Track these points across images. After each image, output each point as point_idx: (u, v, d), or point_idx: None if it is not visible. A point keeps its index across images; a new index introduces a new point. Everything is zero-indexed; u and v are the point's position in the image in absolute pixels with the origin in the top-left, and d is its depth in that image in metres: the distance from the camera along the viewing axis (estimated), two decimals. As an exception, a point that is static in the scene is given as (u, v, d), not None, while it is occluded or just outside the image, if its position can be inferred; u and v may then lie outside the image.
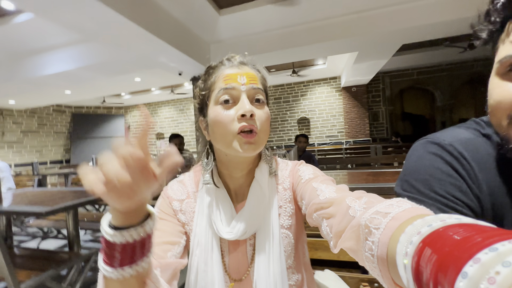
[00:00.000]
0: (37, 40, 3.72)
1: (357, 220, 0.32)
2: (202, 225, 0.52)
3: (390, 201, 0.31)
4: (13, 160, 6.41)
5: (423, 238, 0.21)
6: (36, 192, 2.34)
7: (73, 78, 4.40)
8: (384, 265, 0.26)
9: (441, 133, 0.47)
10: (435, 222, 0.22)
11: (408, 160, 0.48)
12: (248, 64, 0.52)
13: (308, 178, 0.51)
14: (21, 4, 2.20)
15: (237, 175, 0.54)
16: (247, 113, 0.45)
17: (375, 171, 2.22)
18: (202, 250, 0.51)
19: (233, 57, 0.52)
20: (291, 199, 0.54)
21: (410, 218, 0.25)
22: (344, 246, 0.35)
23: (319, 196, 0.43)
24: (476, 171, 0.41)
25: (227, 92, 0.47)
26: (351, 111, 6.98)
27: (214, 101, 0.48)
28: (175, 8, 3.12)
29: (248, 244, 0.53)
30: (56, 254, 1.72)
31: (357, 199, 0.36)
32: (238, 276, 0.53)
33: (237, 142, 0.46)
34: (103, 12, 2.28)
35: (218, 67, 0.51)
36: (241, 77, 0.48)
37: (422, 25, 3.20)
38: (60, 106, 7.61)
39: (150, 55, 3.42)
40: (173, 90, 7.03)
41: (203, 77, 0.54)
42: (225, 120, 0.46)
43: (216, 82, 0.49)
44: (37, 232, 3.21)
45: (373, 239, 0.28)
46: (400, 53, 5.66)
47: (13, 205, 1.68)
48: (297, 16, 3.46)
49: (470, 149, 0.42)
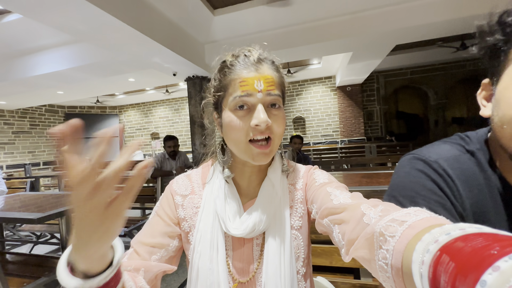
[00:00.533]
0: (28, 40, 3.65)
1: (371, 228, 0.31)
2: (207, 221, 0.50)
3: (407, 210, 0.30)
4: (4, 161, 6.30)
5: (441, 247, 0.20)
6: (28, 195, 2.31)
7: (65, 78, 4.33)
8: (398, 274, 0.25)
9: (428, 149, 0.48)
10: (453, 230, 0.21)
11: (396, 176, 0.49)
12: (267, 61, 0.48)
13: (323, 182, 0.50)
14: (7, 5, 2.15)
15: (249, 172, 0.53)
16: (261, 124, 0.44)
17: (369, 173, 2.25)
18: (206, 247, 0.49)
19: (250, 52, 0.48)
20: (302, 199, 0.53)
21: (427, 227, 0.24)
22: (356, 255, 0.33)
23: (333, 201, 0.42)
24: (460, 189, 0.42)
25: (243, 99, 0.45)
26: (346, 110, 7.03)
27: (229, 106, 0.46)
28: (169, 9, 3.10)
29: (255, 244, 0.51)
30: (49, 259, 1.70)
31: (373, 207, 0.35)
32: (242, 277, 0.50)
33: (250, 151, 0.46)
34: (95, 14, 2.25)
35: (234, 66, 0.47)
36: (258, 82, 0.45)
37: (416, 25, 3.24)
38: (52, 106, 7.50)
39: (144, 56, 3.38)
40: (168, 90, 6.98)
41: (218, 74, 0.50)
42: (239, 129, 0.45)
43: (231, 84, 0.46)
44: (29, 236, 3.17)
45: (388, 247, 0.27)
46: (394, 53, 5.72)
47: (4, 211, 1.65)
48: (291, 17, 3.46)
49: (455, 167, 0.43)
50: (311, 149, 5.69)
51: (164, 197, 0.56)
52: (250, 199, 0.53)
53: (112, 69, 4.10)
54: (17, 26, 3.35)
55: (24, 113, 6.80)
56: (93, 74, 4.28)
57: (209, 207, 0.52)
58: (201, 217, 0.51)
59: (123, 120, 8.90)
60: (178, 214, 0.53)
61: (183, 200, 0.54)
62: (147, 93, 7.48)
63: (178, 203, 0.54)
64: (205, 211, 0.52)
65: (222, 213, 0.49)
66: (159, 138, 8.53)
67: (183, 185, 0.56)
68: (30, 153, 6.87)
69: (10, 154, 6.45)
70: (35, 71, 4.00)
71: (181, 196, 0.54)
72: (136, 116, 8.83)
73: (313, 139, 7.29)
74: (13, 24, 3.31)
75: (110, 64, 3.84)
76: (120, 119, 8.84)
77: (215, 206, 0.51)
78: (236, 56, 0.48)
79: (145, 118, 8.74)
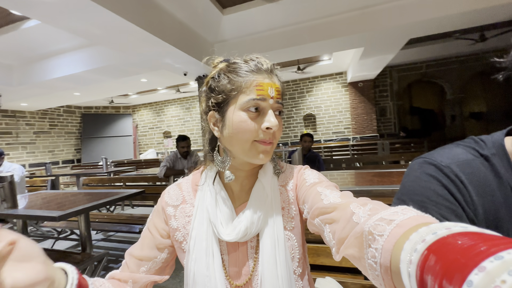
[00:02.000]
0: (46, 45, 3.81)
1: (360, 227, 0.31)
2: (201, 228, 0.51)
3: (395, 208, 0.31)
4: (27, 160, 6.62)
5: (428, 246, 0.20)
6: (49, 193, 2.43)
7: (82, 80, 4.49)
8: (387, 273, 0.26)
9: (439, 153, 0.46)
10: (440, 230, 0.21)
11: (406, 180, 0.48)
12: (276, 73, 0.51)
13: (313, 182, 0.50)
14: (26, 12, 2.25)
15: (241, 176, 0.53)
16: (273, 128, 0.46)
17: (381, 171, 2.21)
18: (202, 255, 0.49)
19: (260, 62, 0.49)
20: (294, 200, 0.53)
21: (415, 226, 0.25)
22: (346, 253, 0.34)
23: (323, 200, 0.42)
24: (472, 195, 0.40)
25: (257, 103, 0.46)
26: (357, 107, 6.90)
27: (241, 106, 0.46)
28: (179, 10, 3.14)
29: (249, 247, 0.51)
30: (69, 255, 1.80)
31: (362, 206, 0.36)
32: (239, 280, 0.50)
33: (254, 149, 0.47)
34: (109, 18, 2.32)
35: (249, 69, 0.48)
36: (271, 89, 0.47)
37: (430, 18, 3.12)
38: (70, 107, 7.79)
39: (156, 57, 3.45)
40: (179, 89, 7.08)
41: (227, 73, 0.49)
42: (250, 129, 0.46)
43: (246, 86, 0.47)
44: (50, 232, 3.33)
45: (377, 246, 0.27)
46: (408, 47, 5.54)
47: (28, 209, 1.75)
48: (300, 14, 3.43)
49: (468, 172, 0.42)
50: (322, 147, 5.63)
51: (155, 210, 0.57)
52: (242, 203, 0.54)
53: (125, 70, 4.22)
54: (36, 32, 3.50)
55: (44, 114, 7.11)
56: (108, 76, 4.41)
57: (202, 215, 0.52)
58: (193, 225, 0.52)
59: (136, 120, 9.12)
60: (170, 225, 0.54)
61: (175, 211, 0.55)
62: (159, 93, 7.63)
63: (170, 214, 0.55)
64: (197, 219, 0.52)
65: (214, 219, 0.50)
66: (171, 137, 8.69)
67: (174, 195, 0.56)
68: (49, 152, 7.19)
69: (32, 153, 6.77)
70: (53, 74, 4.17)
71: (173, 207, 0.55)
72: (149, 115, 9.03)
73: (324, 137, 7.21)
74: (32, 30, 3.46)
75: (124, 65, 3.95)
76: (133, 118, 9.06)
77: (208, 213, 0.51)
78: (246, 60, 0.49)
79: (157, 117, 8.91)
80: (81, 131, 8.00)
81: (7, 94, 4.94)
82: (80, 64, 3.96)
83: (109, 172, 4.39)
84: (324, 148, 5.57)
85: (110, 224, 2.51)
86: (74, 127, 7.93)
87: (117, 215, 2.80)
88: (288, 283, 0.47)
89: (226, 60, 0.53)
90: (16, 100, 5.48)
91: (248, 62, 0.49)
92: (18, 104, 5.89)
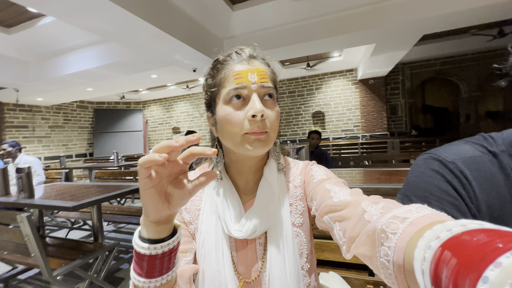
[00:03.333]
0: (61, 41, 3.91)
1: (373, 225, 0.31)
2: (210, 223, 0.51)
3: (408, 206, 0.30)
4: (42, 154, 6.86)
5: (442, 243, 0.20)
6: (63, 185, 2.53)
7: (94, 76, 4.60)
8: (400, 271, 0.25)
9: (445, 149, 0.46)
10: (455, 227, 0.21)
11: (410, 175, 0.47)
12: (258, 58, 0.49)
13: (321, 179, 0.49)
14: (42, 9, 2.32)
15: (245, 172, 0.53)
16: (257, 114, 0.43)
17: (390, 170, 2.18)
18: (212, 249, 0.49)
19: (242, 50, 0.49)
20: (302, 197, 0.53)
21: (429, 224, 0.24)
22: (357, 252, 0.33)
23: (333, 198, 0.42)
24: (476, 191, 0.40)
25: (238, 91, 0.45)
26: (368, 104, 6.78)
27: (224, 100, 0.46)
28: (190, 7, 3.16)
29: (258, 243, 0.51)
30: (82, 244, 1.87)
31: (374, 204, 0.35)
32: (247, 276, 0.50)
33: (246, 141, 0.45)
34: (121, 15, 2.36)
35: (227, 61, 0.48)
36: (251, 74, 0.45)
37: (446, 13, 3.01)
38: (83, 102, 7.99)
39: (166, 54, 3.50)
40: (188, 85, 7.15)
41: (210, 72, 0.50)
42: (235, 121, 0.45)
43: (225, 79, 0.46)
44: (65, 222, 3.46)
45: (390, 244, 0.27)
46: (422, 43, 5.39)
47: (44, 199, 1.83)
48: (311, 10, 3.39)
49: (473, 168, 0.41)
50: (330, 144, 5.58)
51: None
52: (249, 198, 0.54)
53: (136, 66, 4.29)
54: (51, 29, 3.60)
55: (58, 109, 7.32)
56: (119, 71, 4.50)
57: (210, 210, 0.52)
58: (202, 220, 0.52)
59: (147, 115, 9.27)
60: (183, 219, 0.55)
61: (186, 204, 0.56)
62: (168, 89, 7.72)
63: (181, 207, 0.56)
64: (206, 214, 0.52)
65: (223, 215, 0.50)
66: (180, 132, 8.80)
67: None
68: (63, 146, 7.41)
69: (47, 147, 7.00)
70: (68, 70, 4.29)
71: None
72: (159, 111, 9.16)
73: (333, 134, 7.13)
74: (47, 27, 3.56)
75: (135, 61, 4.01)
76: (143, 114, 9.22)
77: (217, 208, 0.51)
78: (228, 54, 0.49)
79: (167, 113, 9.03)
80: (93, 125, 8.21)
81: (24, 89, 5.11)
82: (93, 60, 4.05)
83: (120, 166, 4.50)
84: (332, 146, 5.51)
85: (121, 216, 2.58)
86: (87, 121, 8.14)
87: (127, 208, 2.88)
88: (296, 280, 0.47)
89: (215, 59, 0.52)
90: (32, 95, 5.66)
91: (229, 55, 0.48)
92: (34, 99, 6.09)
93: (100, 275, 1.78)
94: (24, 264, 1.58)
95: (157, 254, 0.34)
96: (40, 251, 1.33)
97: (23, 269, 2.24)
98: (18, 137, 6.33)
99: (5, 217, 1.42)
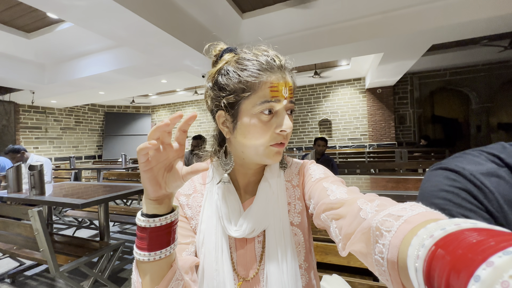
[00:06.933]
0: (76, 46, 4.07)
1: (368, 222, 0.31)
2: (210, 223, 0.52)
3: (403, 204, 0.30)
4: (53, 154, 7.03)
5: (436, 241, 0.20)
6: (72, 185, 2.58)
7: (106, 80, 4.74)
8: (394, 268, 0.26)
9: (459, 160, 0.44)
10: (449, 226, 0.21)
11: (426, 185, 0.45)
12: (287, 70, 0.48)
13: (319, 178, 0.50)
14: (62, 15, 2.43)
15: (249, 173, 0.54)
16: (288, 130, 0.45)
17: (397, 178, 2.15)
18: (211, 248, 0.50)
19: (272, 58, 0.46)
20: (300, 196, 0.53)
21: (423, 222, 0.25)
22: (353, 249, 0.34)
23: (329, 196, 0.42)
24: (501, 202, 0.38)
25: (271, 105, 0.44)
26: (375, 114, 6.74)
27: (254, 109, 0.45)
28: (200, 14, 3.26)
29: (257, 242, 0.52)
30: (89, 242, 1.90)
31: (369, 202, 0.35)
32: (246, 275, 0.51)
33: (269, 153, 0.47)
34: (135, 21, 2.46)
35: (260, 67, 0.45)
36: (285, 89, 0.45)
37: (455, 24, 3.01)
38: (94, 105, 8.20)
39: (176, 59, 3.59)
40: (196, 91, 7.27)
41: (237, 72, 0.45)
42: (263, 133, 0.45)
43: (259, 86, 0.44)
44: (72, 221, 3.51)
45: (384, 242, 0.27)
46: (431, 53, 5.37)
47: (54, 197, 1.87)
48: (319, 18, 3.44)
49: (493, 180, 0.39)
50: (337, 153, 5.54)
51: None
52: (249, 197, 0.54)
53: (147, 71, 4.41)
54: (67, 34, 3.76)
55: (70, 111, 7.53)
56: (131, 76, 4.62)
57: (211, 209, 0.53)
58: (202, 219, 0.53)
59: (155, 119, 9.43)
60: (185, 214, 0.55)
61: (188, 200, 0.56)
62: (177, 94, 7.86)
63: (183, 203, 0.55)
64: (206, 213, 0.53)
65: (222, 214, 0.51)
66: (188, 137, 8.89)
67: (186, 185, 0.57)
68: (74, 148, 7.59)
69: (58, 148, 7.18)
70: (81, 74, 4.44)
71: (185, 196, 0.56)
72: (167, 115, 9.30)
73: (340, 143, 7.09)
74: (64, 32, 3.72)
75: (146, 66, 4.13)
76: (152, 118, 9.38)
77: (217, 208, 0.52)
78: (258, 55, 0.46)
79: (175, 118, 9.17)
80: (103, 128, 8.39)
81: (39, 92, 5.30)
82: (107, 64, 4.19)
83: (128, 168, 4.57)
84: (339, 154, 5.47)
85: (127, 216, 2.61)
86: (97, 124, 8.33)
87: (133, 209, 2.92)
88: (294, 278, 0.48)
89: (231, 50, 0.50)
90: (47, 97, 5.85)
91: (259, 57, 0.46)
92: (48, 101, 6.29)
93: (105, 273, 1.80)
94: (32, 259, 1.61)
95: (156, 227, 0.37)
96: (48, 246, 1.36)
97: (30, 265, 2.28)
98: (31, 138, 6.52)
99: (17, 211, 1.47)
